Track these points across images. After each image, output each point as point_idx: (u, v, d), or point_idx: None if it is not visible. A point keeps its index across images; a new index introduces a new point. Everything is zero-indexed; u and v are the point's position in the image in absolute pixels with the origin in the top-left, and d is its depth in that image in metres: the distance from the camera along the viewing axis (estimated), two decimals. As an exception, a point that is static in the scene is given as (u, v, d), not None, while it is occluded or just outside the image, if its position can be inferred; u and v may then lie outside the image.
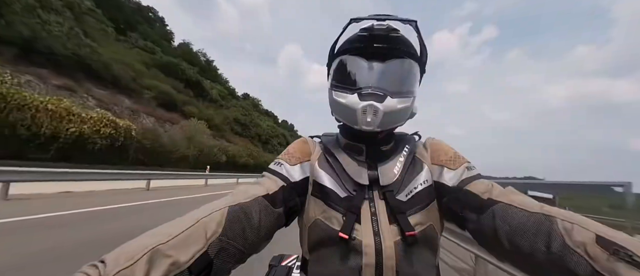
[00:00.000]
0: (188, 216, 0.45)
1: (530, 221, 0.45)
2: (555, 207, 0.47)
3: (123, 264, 0.34)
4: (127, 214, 5.45)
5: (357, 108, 0.57)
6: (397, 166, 0.62)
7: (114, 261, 0.34)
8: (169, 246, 0.38)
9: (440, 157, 0.65)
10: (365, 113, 0.57)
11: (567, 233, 0.41)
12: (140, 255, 0.35)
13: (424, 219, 0.58)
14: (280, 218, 0.59)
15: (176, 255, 0.38)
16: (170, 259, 0.37)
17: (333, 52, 0.67)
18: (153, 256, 0.36)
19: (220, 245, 0.45)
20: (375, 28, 0.61)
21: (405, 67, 0.62)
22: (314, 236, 0.61)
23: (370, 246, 0.53)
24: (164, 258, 0.37)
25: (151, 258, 0.36)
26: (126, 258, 0.34)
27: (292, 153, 0.69)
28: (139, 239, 0.39)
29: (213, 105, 40.11)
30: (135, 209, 6.07)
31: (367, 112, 0.57)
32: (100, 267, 0.33)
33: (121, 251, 0.36)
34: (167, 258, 0.37)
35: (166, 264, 0.37)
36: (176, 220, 0.45)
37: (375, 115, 0.57)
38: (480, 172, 0.61)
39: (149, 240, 0.38)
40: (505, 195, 0.52)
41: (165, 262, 0.37)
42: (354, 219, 0.55)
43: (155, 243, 0.37)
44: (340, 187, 0.61)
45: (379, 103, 0.56)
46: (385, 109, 0.57)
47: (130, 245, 0.37)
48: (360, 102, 0.57)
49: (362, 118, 0.58)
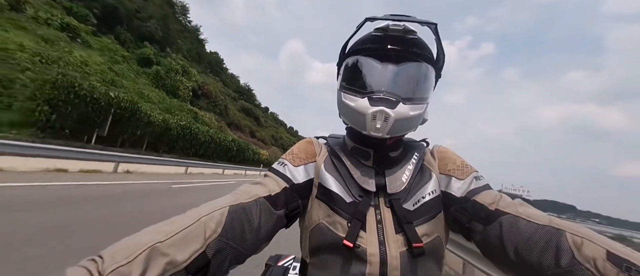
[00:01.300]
0: (189, 214, 0.44)
1: (539, 234, 0.44)
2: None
3: (120, 261, 0.33)
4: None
5: (366, 114, 0.55)
6: (405, 174, 0.60)
7: (111, 258, 0.33)
8: (167, 244, 0.38)
9: (448, 166, 0.63)
10: (375, 119, 0.54)
11: (577, 247, 0.39)
12: (138, 252, 0.35)
13: (431, 230, 0.56)
14: (280, 220, 0.57)
15: (173, 254, 0.37)
16: (167, 257, 0.37)
17: (344, 51, 0.64)
18: (150, 254, 0.36)
19: (219, 246, 0.44)
20: (390, 28, 0.58)
21: (421, 71, 0.59)
22: (315, 240, 0.59)
23: (375, 255, 0.51)
24: (161, 256, 0.36)
25: (148, 256, 0.35)
26: (124, 255, 0.34)
27: (296, 153, 0.66)
28: (137, 236, 0.38)
29: (262, 126, 57.42)
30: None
31: (377, 117, 0.54)
32: (99, 262, 0.33)
33: (119, 247, 0.35)
34: (165, 256, 0.37)
35: (163, 262, 0.36)
36: (177, 217, 0.44)
37: (385, 122, 0.54)
38: (489, 183, 0.59)
39: (147, 238, 0.37)
40: (513, 207, 0.50)
41: (162, 261, 0.36)
42: (359, 226, 0.53)
43: (153, 241, 0.37)
44: (345, 191, 0.59)
45: (390, 110, 0.54)
46: (396, 116, 0.54)
47: (128, 242, 0.37)
48: (370, 107, 0.55)
49: (372, 124, 0.55)
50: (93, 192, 5.14)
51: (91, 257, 0.33)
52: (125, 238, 0.38)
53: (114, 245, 0.36)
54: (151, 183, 7.52)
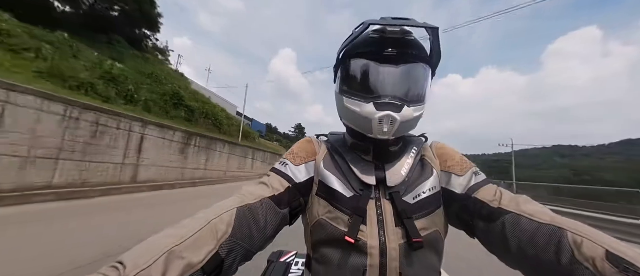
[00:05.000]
0: (199, 217, 0.46)
1: (540, 232, 0.45)
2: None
3: (141, 265, 0.35)
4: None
5: (373, 118, 0.56)
6: (404, 167, 0.62)
7: (132, 263, 0.35)
8: (182, 247, 0.39)
9: (447, 162, 0.65)
10: (381, 123, 0.56)
11: (577, 246, 0.40)
12: (157, 256, 0.36)
13: (430, 224, 0.57)
14: (284, 218, 0.59)
15: (189, 256, 0.39)
16: (184, 260, 0.39)
17: (341, 54, 0.64)
18: (168, 257, 0.37)
19: (230, 245, 0.46)
20: (388, 30, 0.58)
21: (421, 72, 0.60)
22: (317, 236, 0.61)
23: (375, 247, 0.53)
24: (178, 259, 0.38)
25: (167, 260, 0.37)
26: (144, 260, 0.35)
27: (296, 153, 0.68)
28: (153, 240, 0.40)
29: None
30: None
31: (383, 122, 0.55)
32: (120, 268, 0.34)
33: (138, 252, 0.37)
34: (181, 259, 0.38)
35: (181, 265, 0.38)
36: (187, 220, 0.46)
37: (391, 125, 0.56)
38: (486, 177, 0.61)
39: (163, 242, 0.39)
40: (515, 204, 0.51)
41: (180, 263, 0.38)
42: (360, 222, 0.55)
43: (169, 245, 0.39)
44: (346, 186, 0.60)
45: (397, 114, 0.55)
46: (402, 119, 0.56)
47: (146, 246, 0.38)
48: (376, 111, 0.55)
49: (378, 128, 0.56)
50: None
51: (112, 264, 0.34)
52: (141, 243, 0.39)
53: (132, 251, 0.37)
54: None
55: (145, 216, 5.03)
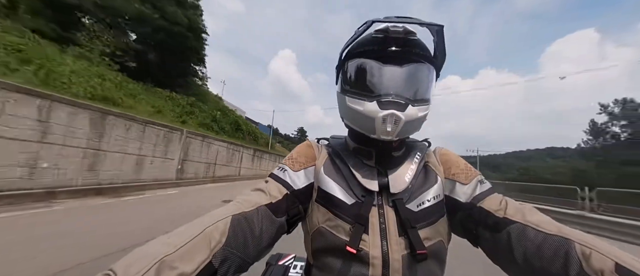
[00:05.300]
0: (193, 224, 0.45)
1: (547, 243, 0.44)
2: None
3: (132, 275, 0.34)
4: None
5: (376, 117, 0.54)
6: (408, 173, 0.61)
7: (123, 272, 0.34)
8: (174, 257, 0.38)
9: (452, 170, 0.63)
10: (385, 122, 0.54)
11: (585, 258, 0.39)
12: (149, 266, 0.35)
13: (434, 234, 0.56)
14: (281, 227, 0.57)
15: (182, 266, 0.38)
16: (176, 270, 0.37)
17: (343, 54, 0.64)
18: (160, 267, 0.36)
19: (224, 255, 0.44)
20: (391, 29, 0.56)
21: (425, 72, 0.59)
22: (318, 244, 0.60)
23: (377, 258, 0.52)
24: (170, 269, 0.37)
25: (158, 270, 0.36)
26: (135, 269, 0.34)
27: (295, 158, 0.66)
28: (145, 248, 0.39)
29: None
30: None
31: (387, 121, 0.54)
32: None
33: (130, 261, 0.36)
34: (173, 269, 0.37)
35: (173, 275, 0.37)
36: (182, 228, 0.44)
37: (395, 125, 0.54)
38: (492, 186, 0.59)
39: (156, 250, 0.38)
40: (521, 214, 0.50)
41: (171, 274, 0.37)
42: (362, 230, 0.54)
43: (161, 254, 0.38)
44: (347, 193, 0.59)
45: (401, 112, 0.53)
46: (406, 118, 0.54)
47: (138, 255, 0.37)
48: (380, 110, 0.54)
49: (382, 127, 0.55)
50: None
51: (105, 272, 0.34)
52: (134, 251, 0.38)
53: (124, 259, 0.36)
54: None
55: (245, 185, 12.33)
